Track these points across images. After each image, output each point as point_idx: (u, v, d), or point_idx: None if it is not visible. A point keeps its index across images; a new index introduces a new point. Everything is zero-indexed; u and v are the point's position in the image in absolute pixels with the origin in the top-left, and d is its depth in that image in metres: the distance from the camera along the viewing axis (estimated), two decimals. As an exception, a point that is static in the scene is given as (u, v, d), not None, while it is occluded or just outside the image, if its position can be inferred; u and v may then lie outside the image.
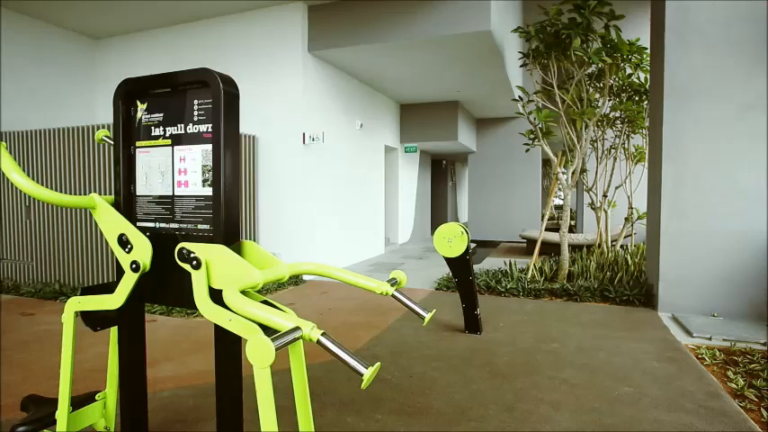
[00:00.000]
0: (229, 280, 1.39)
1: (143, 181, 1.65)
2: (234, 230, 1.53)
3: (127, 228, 1.57)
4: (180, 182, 1.58)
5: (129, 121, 1.66)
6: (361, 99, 8.47)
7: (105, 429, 1.97)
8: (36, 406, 1.94)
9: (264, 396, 1.27)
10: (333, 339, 1.11)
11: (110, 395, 1.96)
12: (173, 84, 1.56)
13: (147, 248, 1.53)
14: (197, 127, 1.53)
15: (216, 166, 1.48)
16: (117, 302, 1.58)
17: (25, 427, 1.76)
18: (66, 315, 1.69)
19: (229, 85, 1.48)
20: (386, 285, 1.64)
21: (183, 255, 1.45)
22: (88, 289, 1.76)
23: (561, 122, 6.09)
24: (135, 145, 1.66)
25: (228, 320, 1.36)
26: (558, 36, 5.42)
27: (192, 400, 2.78)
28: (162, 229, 1.63)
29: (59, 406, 1.73)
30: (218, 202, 1.49)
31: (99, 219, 1.63)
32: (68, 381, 1.71)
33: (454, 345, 3.82)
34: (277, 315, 1.15)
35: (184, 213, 1.58)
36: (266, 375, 1.31)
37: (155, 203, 1.64)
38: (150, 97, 1.63)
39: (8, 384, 3.02)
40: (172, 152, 1.59)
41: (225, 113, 1.47)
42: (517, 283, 5.77)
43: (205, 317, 1.41)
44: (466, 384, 3.03)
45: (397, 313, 4.80)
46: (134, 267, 1.52)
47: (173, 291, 1.61)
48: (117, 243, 1.58)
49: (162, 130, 1.60)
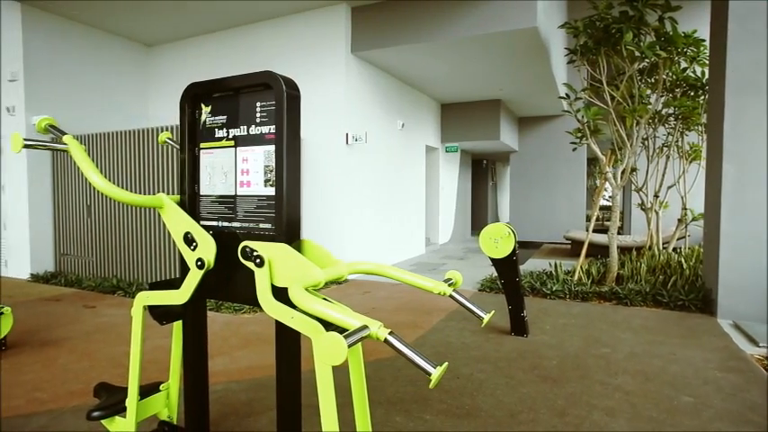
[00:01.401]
0: (292, 278, 1.42)
1: (207, 181, 1.72)
2: (295, 229, 1.56)
3: (192, 226, 1.63)
4: (242, 182, 1.62)
5: (194, 124, 1.72)
6: (403, 99, 8.48)
7: (168, 418, 2.06)
8: (107, 393, 2.05)
9: (326, 393, 1.30)
10: (400, 338, 1.11)
11: (172, 386, 2.05)
12: (236, 87, 1.61)
13: (212, 246, 1.58)
14: (259, 128, 1.58)
15: (278, 166, 1.52)
16: (182, 298, 1.65)
17: (99, 412, 1.86)
18: (135, 309, 1.78)
19: (291, 87, 1.52)
20: (443, 285, 1.64)
21: (246, 253, 1.49)
22: (155, 284, 1.84)
23: (610, 120, 5.88)
24: (199, 146, 1.72)
25: (291, 318, 1.39)
26: (608, 31, 5.23)
27: (243, 394, 2.86)
28: (224, 227, 1.68)
29: (129, 395, 1.82)
30: (280, 202, 1.52)
31: (166, 217, 1.70)
32: (137, 371, 1.80)
33: (500, 347, 3.76)
34: (345, 313, 1.16)
35: (246, 212, 1.62)
36: (328, 372, 1.33)
37: (218, 203, 1.69)
38: (214, 100, 1.68)
39: (77, 371, 3.21)
40: (235, 153, 1.64)
41: (287, 115, 1.50)
42: (563, 285, 5.62)
43: (267, 314, 1.45)
44: (514, 387, 2.97)
45: (441, 314, 4.78)
46: (199, 265, 1.58)
47: (234, 287, 1.67)
48: (183, 241, 1.64)
49: (225, 132, 1.66)
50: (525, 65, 7.36)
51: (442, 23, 6.04)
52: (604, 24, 5.23)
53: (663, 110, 6.92)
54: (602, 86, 5.65)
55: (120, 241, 6.23)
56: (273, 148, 1.55)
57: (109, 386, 2.13)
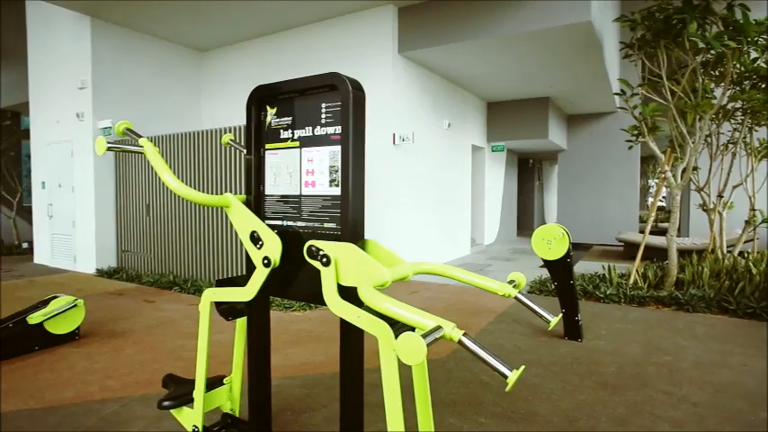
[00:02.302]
0: (359, 277, 1.43)
1: (272, 181, 1.76)
2: (359, 229, 1.58)
3: (258, 225, 1.68)
4: (307, 182, 1.65)
5: (259, 125, 1.77)
6: (449, 98, 8.40)
7: (231, 411, 2.13)
8: (174, 384, 2.14)
9: (391, 391, 1.30)
10: (474, 340, 1.10)
11: (235, 380, 2.12)
12: (301, 88, 1.64)
13: (278, 245, 1.62)
14: (324, 129, 1.60)
15: (344, 166, 1.53)
16: (249, 295, 1.69)
17: (169, 402, 1.95)
18: (202, 305, 1.85)
19: (357, 88, 1.53)
20: (508, 287, 1.60)
21: (312, 252, 1.52)
22: (221, 281, 1.91)
23: (670, 116, 5.59)
24: (264, 147, 1.77)
25: (357, 317, 1.40)
26: (669, 22, 4.97)
27: (298, 390, 2.92)
28: (289, 227, 1.72)
29: (196, 387, 1.90)
30: (345, 202, 1.54)
31: (232, 216, 1.76)
32: (204, 365, 1.87)
33: (554, 351, 3.66)
34: (418, 313, 1.16)
35: (311, 212, 1.65)
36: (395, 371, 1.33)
37: (282, 202, 1.73)
38: (279, 102, 1.72)
39: (142, 362, 3.38)
40: (300, 154, 1.67)
41: (353, 115, 1.51)
42: (617, 288, 5.40)
43: (333, 312, 1.47)
44: (571, 393, 2.88)
45: (489, 315, 4.70)
46: (266, 263, 1.62)
47: (297, 285, 1.70)
48: (249, 240, 1.69)
49: (290, 133, 1.69)
50: (577, 61, 7.12)
51: (490, 21, 5.94)
52: (665, 15, 4.98)
53: (729, 104, 6.51)
54: (662, 81, 5.38)
55: (175, 239, 6.51)
56: (338, 148, 1.57)
57: (176, 378, 2.23)
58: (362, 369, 1.65)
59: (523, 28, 5.75)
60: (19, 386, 2.98)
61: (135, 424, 2.49)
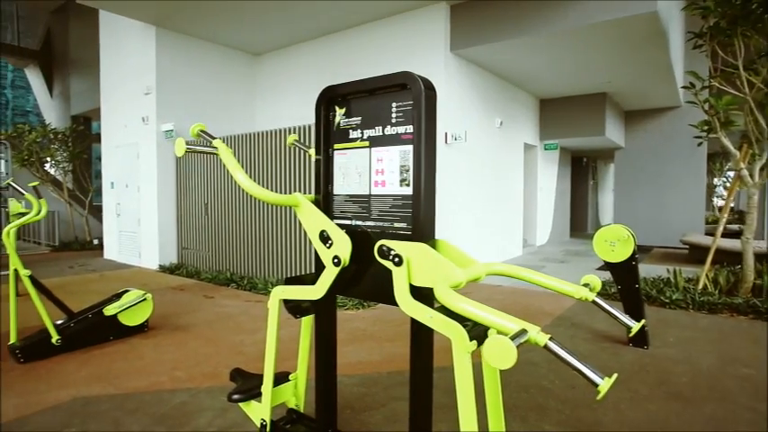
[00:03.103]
0: (432, 278, 1.42)
1: (340, 181, 1.77)
2: (431, 229, 1.56)
3: (327, 225, 1.69)
4: (377, 182, 1.65)
5: (328, 126, 1.79)
6: (501, 96, 8.23)
7: (296, 407, 2.17)
8: (242, 378, 2.21)
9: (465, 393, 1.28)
10: (561, 344, 1.05)
11: (300, 377, 2.15)
12: (371, 88, 1.64)
13: (347, 244, 1.63)
14: (395, 129, 1.59)
15: (416, 166, 1.52)
16: (318, 293, 1.71)
17: (239, 395, 2.01)
18: (271, 302, 1.89)
19: (429, 87, 1.51)
20: (584, 290, 1.54)
21: (383, 252, 1.51)
22: (289, 279, 1.95)
23: (746, 109, 5.20)
24: (333, 147, 1.79)
25: (429, 318, 1.39)
26: (747, 7, 4.63)
27: (356, 389, 2.94)
28: (357, 226, 1.72)
29: (264, 382, 1.95)
30: (417, 202, 1.53)
31: (301, 216, 1.79)
32: (273, 361, 1.91)
33: (618, 358, 3.49)
34: (500, 316, 1.13)
35: (381, 212, 1.65)
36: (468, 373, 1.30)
37: (351, 202, 1.74)
38: (348, 102, 1.74)
39: (205, 355, 3.52)
40: (369, 153, 1.67)
41: (425, 115, 1.50)
42: (684, 294, 5.09)
43: (405, 312, 1.46)
44: (639, 403, 2.74)
45: (546, 318, 4.56)
46: (335, 262, 1.64)
47: (364, 285, 1.70)
48: (318, 239, 1.71)
49: (360, 133, 1.70)
50: (639, 54, 6.78)
51: (547, 15, 5.76)
52: (743, 0, 4.64)
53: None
54: (738, 71, 5.02)
55: (232, 237, 6.74)
56: (409, 148, 1.56)
57: (243, 372, 2.30)
58: (432, 369, 1.63)
59: (583, 21, 5.53)
60: (99, 373, 3.18)
61: (203, 414, 2.59)
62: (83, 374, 3.17)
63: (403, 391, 2.90)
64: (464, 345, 1.30)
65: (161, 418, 2.56)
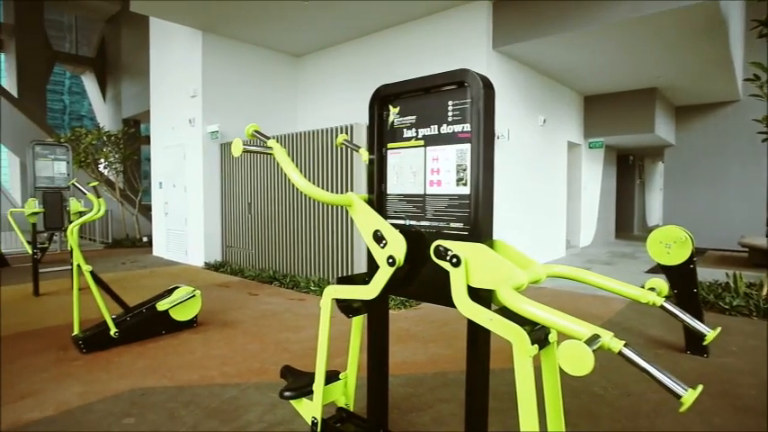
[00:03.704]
0: (492, 279, 1.38)
1: (394, 180, 1.76)
2: (488, 229, 1.53)
3: (382, 224, 1.68)
4: (432, 181, 1.63)
5: (381, 125, 1.78)
6: (544, 93, 8.02)
7: (346, 405, 2.18)
8: (292, 376, 2.24)
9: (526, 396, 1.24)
10: (637, 351, 1.00)
11: (350, 376, 2.16)
12: (427, 86, 1.62)
13: (402, 244, 1.62)
14: (451, 127, 1.57)
15: (474, 165, 1.49)
16: (372, 293, 1.71)
17: (291, 393, 2.04)
18: (324, 301, 1.90)
19: (488, 85, 1.48)
20: (652, 295, 1.46)
21: (440, 252, 1.49)
22: (342, 279, 1.96)
23: (816, 103, 4.85)
24: (386, 146, 1.78)
25: (489, 320, 1.35)
26: (818, -5, 4.31)
27: (402, 389, 2.93)
28: (411, 226, 1.71)
29: (316, 380, 1.96)
30: (475, 201, 1.50)
31: (355, 215, 1.79)
32: (324, 360, 1.92)
33: (675, 366, 3.33)
34: (570, 320, 1.09)
35: (436, 211, 1.63)
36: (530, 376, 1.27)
37: (405, 201, 1.73)
38: (402, 101, 1.72)
39: (252, 352, 3.60)
40: (424, 152, 1.65)
41: (484, 113, 1.46)
42: (746, 300, 4.80)
43: (463, 314, 1.43)
44: (701, 414, 2.59)
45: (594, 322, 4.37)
46: (390, 262, 1.62)
47: (418, 285, 1.68)
48: (372, 239, 1.71)
49: (414, 132, 1.68)
50: (695, 46, 6.45)
51: (596, 8, 5.56)
52: (812, -12, 4.33)
53: None
54: (806, 63, 4.68)
55: (275, 236, 6.88)
56: (466, 146, 1.53)
57: (293, 369, 2.33)
58: (488, 372, 1.60)
59: (635, 13, 5.30)
60: (154, 365, 3.31)
61: (253, 410, 2.64)
62: (139, 366, 3.30)
63: (449, 393, 2.87)
64: (526, 348, 1.27)
65: (213, 411, 2.63)
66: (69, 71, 22.92)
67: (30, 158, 5.82)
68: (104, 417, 2.58)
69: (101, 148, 11.13)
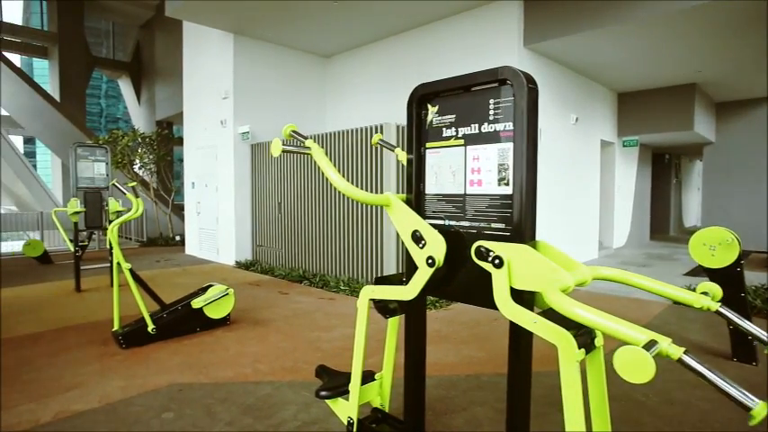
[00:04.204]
0: (536, 281, 1.35)
1: (432, 180, 1.74)
2: (531, 230, 1.49)
3: (420, 225, 1.67)
4: (473, 181, 1.61)
5: (420, 124, 1.77)
6: (576, 91, 7.84)
7: (381, 406, 2.17)
8: (327, 375, 2.24)
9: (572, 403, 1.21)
10: (698, 359, 0.95)
11: (386, 377, 2.15)
12: (467, 84, 1.60)
13: (442, 245, 1.60)
14: (493, 126, 1.54)
15: (516, 164, 1.46)
16: (410, 294, 1.69)
17: (327, 392, 2.05)
18: (360, 301, 1.89)
19: (531, 82, 1.44)
20: (706, 299, 1.40)
21: (481, 253, 1.47)
22: (379, 279, 1.95)
23: None
24: (425, 146, 1.76)
25: (533, 323, 1.32)
26: None
27: (434, 391, 2.90)
28: (451, 226, 1.68)
29: (352, 381, 1.96)
30: (518, 201, 1.46)
31: (393, 215, 1.78)
32: (361, 360, 1.92)
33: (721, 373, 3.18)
34: (625, 325, 1.05)
35: (476, 212, 1.60)
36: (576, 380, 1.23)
37: (444, 201, 1.71)
38: (441, 99, 1.70)
39: (285, 350, 3.64)
40: (464, 152, 1.63)
41: (527, 111, 1.43)
42: (795, 305, 4.57)
43: (505, 316, 1.40)
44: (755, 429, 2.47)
45: (633, 327, 4.26)
46: (430, 263, 1.61)
47: (456, 286, 1.66)
48: (410, 239, 1.69)
49: (454, 131, 1.66)
50: (739, 39, 6.18)
51: (633, 3, 5.39)
52: None
53: None
54: None
55: (304, 236, 6.94)
56: (508, 146, 1.49)
57: (328, 369, 2.33)
58: (530, 375, 1.56)
59: (674, 6, 5.11)
60: (190, 362, 3.38)
61: (287, 408, 2.66)
62: (175, 362, 3.38)
63: (483, 396, 2.83)
64: (572, 353, 1.23)
65: (248, 408, 2.67)
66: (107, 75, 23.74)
67: (72, 160, 6.05)
68: (145, 411, 2.64)
69: (136, 150, 11.48)
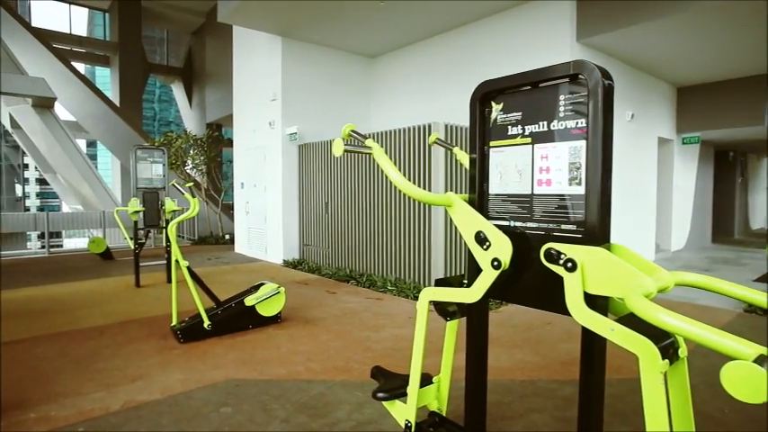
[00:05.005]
0: (614, 286, 1.28)
1: (497, 180, 1.69)
2: (606, 232, 1.42)
3: (485, 225, 1.62)
4: (540, 180, 1.54)
5: (483, 122, 1.72)
6: (632, 86, 7.50)
7: (438, 410, 2.13)
8: (383, 377, 2.23)
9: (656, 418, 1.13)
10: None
11: (443, 380, 2.11)
12: (535, 80, 1.54)
13: (508, 246, 1.54)
14: (563, 123, 1.47)
15: (590, 163, 1.39)
16: (474, 297, 1.65)
17: (384, 394, 2.03)
18: (420, 303, 1.86)
19: (607, 77, 1.37)
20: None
21: (551, 256, 1.41)
22: (439, 281, 1.92)
23: None
24: (489, 145, 1.71)
25: (611, 330, 1.25)
26: None
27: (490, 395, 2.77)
28: (516, 227, 1.63)
29: (410, 383, 1.93)
30: (591, 201, 1.39)
31: (455, 216, 1.74)
32: (420, 362, 1.89)
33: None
34: (729, 337, 0.97)
35: (545, 212, 1.54)
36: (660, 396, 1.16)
37: (509, 202, 1.65)
38: (506, 96, 1.64)
39: (336, 349, 3.66)
40: (532, 150, 1.57)
41: (603, 107, 1.36)
42: None
43: (579, 322, 1.34)
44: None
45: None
46: (495, 265, 1.56)
47: (522, 289, 1.60)
48: (474, 240, 1.65)
49: (520, 129, 1.60)
50: (815, 26, 5.71)
51: (697, -10, 5.09)
52: None
53: None
54: None
55: (351, 235, 6.99)
56: (581, 143, 1.42)
57: (383, 370, 2.32)
58: (604, 385, 1.48)
59: (745, -7, 4.79)
60: (244, 358, 3.47)
61: (341, 407, 2.68)
62: (231, 358, 3.47)
63: (540, 403, 2.74)
64: (656, 364, 1.15)
65: (302, 406, 2.70)
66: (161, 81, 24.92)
67: (132, 161, 6.36)
68: (204, 404, 2.73)
69: (188, 151, 11.95)
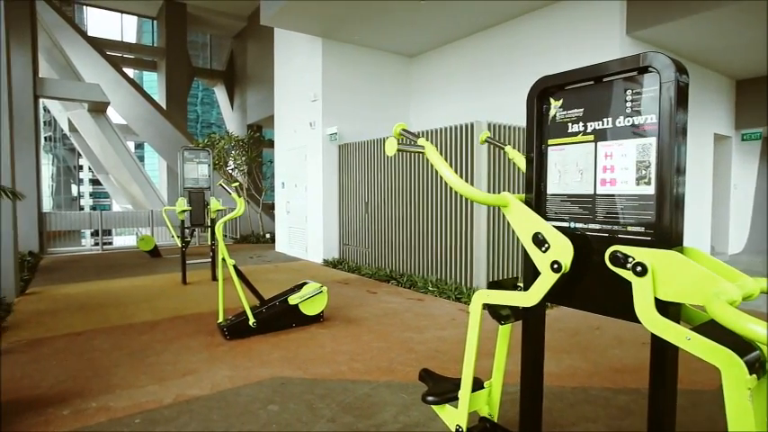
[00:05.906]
0: (691, 292, 1.20)
1: (555, 179, 1.63)
2: (679, 234, 1.33)
3: (544, 227, 1.56)
4: (604, 180, 1.47)
5: (541, 120, 1.66)
6: (685, 79, 7.13)
7: (489, 416, 2.08)
8: (432, 380, 2.20)
9: None
10: None
11: (495, 385, 2.06)
12: (598, 75, 1.47)
13: (569, 249, 1.48)
14: (630, 119, 1.40)
15: (660, 162, 1.31)
16: (532, 300, 1.59)
17: (434, 398, 2.00)
18: (473, 306, 1.82)
19: (682, 70, 1.29)
20: None
21: (617, 259, 1.34)
22: (492, 284, 1.87)
23: None
24: (547, 143, 1.65)
25: (686, 339, 1.17)
26: None
27: (537, 401, 2.75)
28: (576, 229, 1.56)
29: (462, 388, 1.89)
30: (663, 202, 1.31)
31: (511, 217, 1.69)
32: (472, 366, 1.85)
33: None
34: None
35: (609, 214, 1.47)
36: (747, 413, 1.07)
37: (569, 202, 1.59)
38: (566, 93, 1.58)
39: (379, 350, 3.65)
40: (594, 148, 1.50)
41: (677, 102, 1.28)
42: None
43: (650, 330, 1.27)
44: None
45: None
46: (555, 267, 1.50)
47: (583, 294, 1.54)
48: (531, 242, 1.59)
49: (581, 126, 1.53)
50: None
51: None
52: None
53: None
54: None
55: (391, 235, 6.98)
56: (650, 141, 1.35)
57: (432, 373, 2.28)
58: (676, 395, 1.40)
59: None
60: (289, 356, 3.51)
61: (387, 409, 2.66)
62: (275, 356, 3.52)
63: (592, 411, 2.64)
64: (742, 378, 1.07)
65: (347, 407, 2.70)
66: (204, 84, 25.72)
67: (180, 162, 6.58)
68: (252, 401, 2.77)
69: (230, 152, 12.28)
